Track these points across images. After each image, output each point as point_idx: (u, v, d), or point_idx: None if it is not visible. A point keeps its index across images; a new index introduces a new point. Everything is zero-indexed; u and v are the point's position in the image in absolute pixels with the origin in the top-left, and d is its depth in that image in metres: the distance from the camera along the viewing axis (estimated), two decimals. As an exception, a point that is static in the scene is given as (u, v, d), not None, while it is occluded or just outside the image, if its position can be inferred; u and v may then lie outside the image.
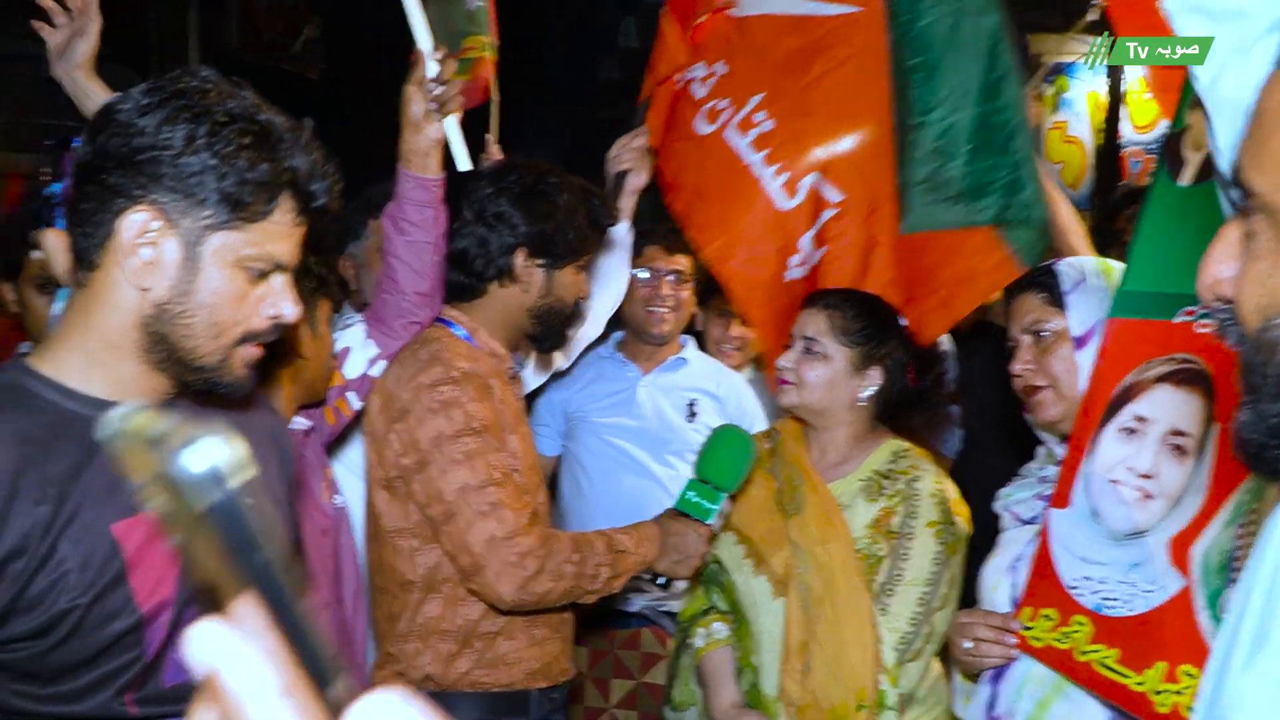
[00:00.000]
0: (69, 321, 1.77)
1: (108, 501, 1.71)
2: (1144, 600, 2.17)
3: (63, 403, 1.73)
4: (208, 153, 1.69)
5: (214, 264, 1.73)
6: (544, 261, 2.94)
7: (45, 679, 1.69)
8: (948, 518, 2.91)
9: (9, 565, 1.62)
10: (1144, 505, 2.25)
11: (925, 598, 2.84)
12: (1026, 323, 2.63)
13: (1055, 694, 2.36)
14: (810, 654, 2.83)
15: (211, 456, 0.47)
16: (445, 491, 2.69)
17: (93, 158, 1.70)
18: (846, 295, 3.16)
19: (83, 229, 1.72)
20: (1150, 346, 2.32)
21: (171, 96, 1.70)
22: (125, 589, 1.72)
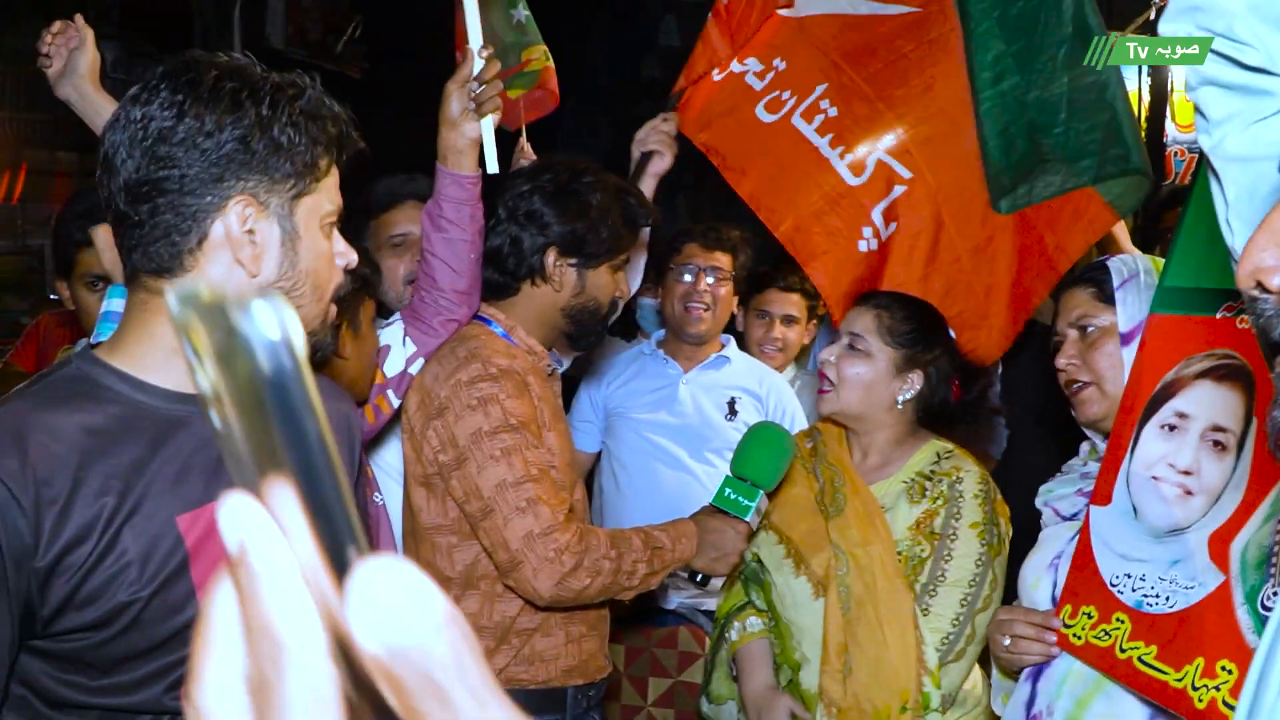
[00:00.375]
0: (144, 320, 1.76)
1: (173, 493, 1.72)
2: (1184, 597, 2.17)
3: (134, 395, 1.74)
4: (276, 127, 1.71)
5: (306, 231, 1.78)
6: (576, 261, 2.94)
7: (100, 670, 1.70)
8: (991, 519, 2.90)
9: (68, 555, 1.63)
10: (1184, 502, 2.24)
11: (968, 599, 2.83)
12: (1074, 317, 2.62)
13: (1095, 692, 2.36)
14: (851, 656, 2.84)
15: (278, 319, 0.48)
16: (483, 488, 2.70)
17: (151, 174, 1.68)
18: (897, 297, 3.16)
19: (158, 245, 1.71)
20: (1191, 342, 2.31)
21: (205, 88, 1.70)
22: (187, 581, 1.71)
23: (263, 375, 0.47)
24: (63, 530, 1.62)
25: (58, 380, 1.75)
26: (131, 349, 1.76)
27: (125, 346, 1.77)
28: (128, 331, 1.78)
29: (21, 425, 1.64)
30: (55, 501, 1.62)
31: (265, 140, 1.71)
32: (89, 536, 1.64)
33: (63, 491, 1.62)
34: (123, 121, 1.71)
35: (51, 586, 1.63)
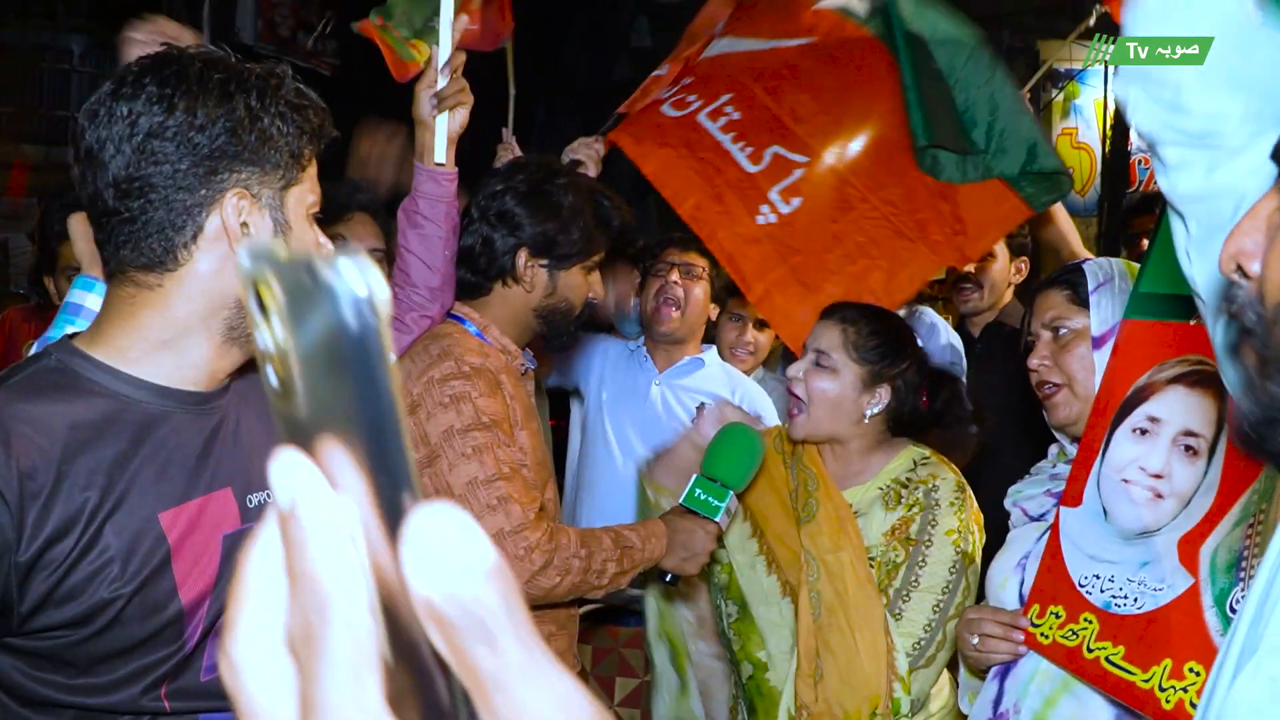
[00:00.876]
0: (131, 312, 1.75)
1: (155, 489, 1.71)
2: (1152, 598, 2.19)
3: (117, 388, 1.72)
4: (266, 118, 1.72)
5: (295, 221, 1.79)
6: (547, 262, 2.94)
7: (78, 669, 1.68)
8: (967, 526, 2.91)
9: (49, 550, 1.61)
10: (1155, 505, 2.27)
11: (940, 605, 2.85)
12: (1047, 319, 2.64)
13: (1062, 691, 2.38)
14: (822, 661, 2.84)
15: (364, 277, 0.48)
16: (454, 485, 2.69)
17: (142, 169, 1.68)
18: (863, 310, 3.15)
19: (150, 240, 1.70)
20: (1165, 348, 2.34)
21: (193, 80, 1.69)
22: (169, 579, 1.71)
23: (347, 329, 0.49)
24: (45, 524, 1.60)
25: (38, 371, 1.72)
26: (116, 340, 1.74)
27: (109, 338, 1.75)
28: (110, 324, 1.76)
29: (3, 417, 1.62)
30: (38, 495, 1.60)
31: (255, 132, 1.71)
32: (71, 531, 1.62)
33: (45, 485, 1.60)
34: (106, 116, 1.69)
35: (31, 582, 1.60)
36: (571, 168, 3.07)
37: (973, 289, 4.72)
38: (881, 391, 3.03)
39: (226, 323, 1.76)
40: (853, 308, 3.17)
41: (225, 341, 1.78)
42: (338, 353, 0.49)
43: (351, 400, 0.50)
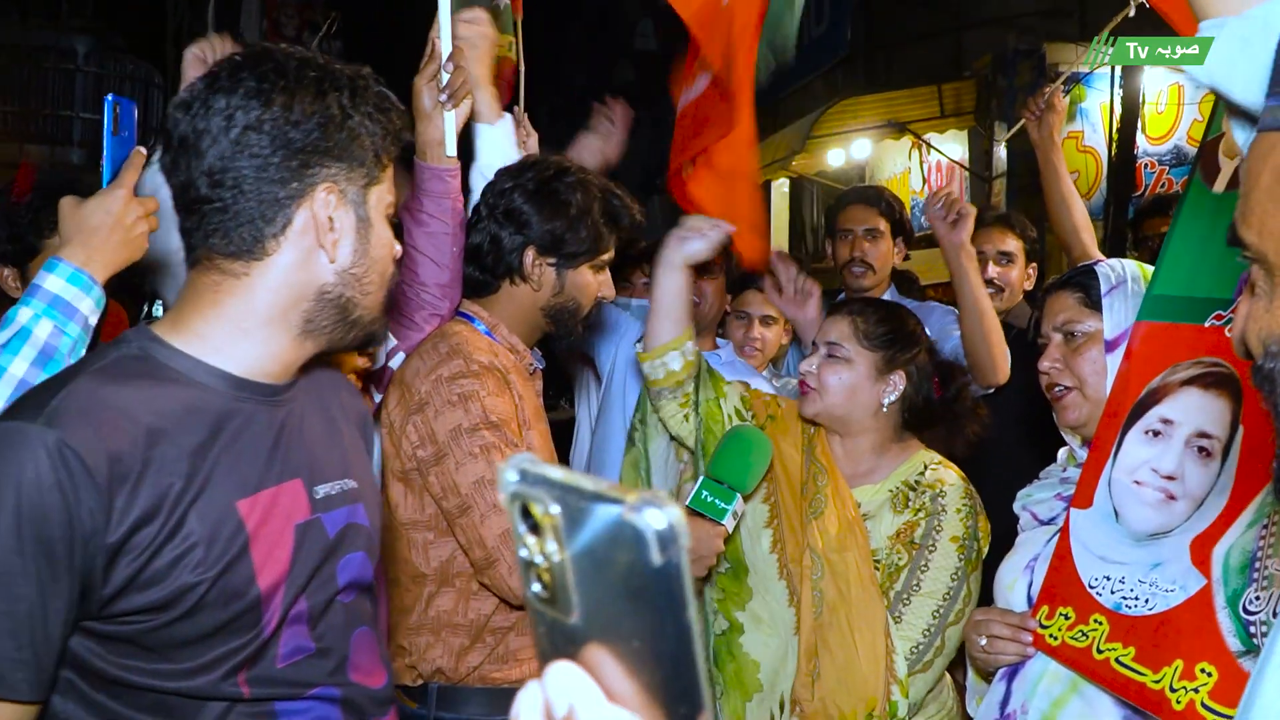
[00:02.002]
0: (215, 299, 1.80)
1: (232, 478, 1.75)
2: (1164, 599, 2.18)
3: (197, 377, 1.77)
4: (356, 117, 1.79)
5: (376, 219, 1.86)
6: (555, 261, 2.93)
7: (158, 654, 1.71)
8: (971, 534, 2.91)
9: (136, 534, 1.64)
10: (1167, 507, 2.26)
11: (940, 611, 2.84)
12: (1059, 321, 2.63)
13: (1071, 692, 2.37)
14: (820, 660, 2.83)
15: (669, 520, 0.53)
16: (461, 484, 2.68)
17: (236, 160, 1.73)
18: (869, 302, 3.18)
19: (240, 230, 1.76)
20: (1179, 350, 2.33)
21: (290, 76, 1.76)
22: (248, 565, 1.75)
23: (650, 564, 0.53)
24: (133, 508, 1.64)
25: (121, 359, 1.76)
26: (197, 328, 1.80)
27: (190, 325, 1.80)
28: (192, 310, 1.81)
29: (92, 402, 1.66)
30: (126, 479, 1.63)
31: (345, 130, 1.78)
32: (156, 516, 1.66)
33: (133, 469, 1.64)
34: (202, 108, 1.75)
35: (116, 565, 1.64)
36: (581, 166, 3.05)
37: (993, 291, 4.74)
38: (896, 379, 3.04)
39: (304, 315, 1.83)
40: (859, 301, 3.20)
41: (301, 334, 1.84)
42: (639, 585, 0.54)
43: (649, 629, 0.55)
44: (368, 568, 2.01)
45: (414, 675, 2.81)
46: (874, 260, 4.75)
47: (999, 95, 10.94)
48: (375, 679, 2.01)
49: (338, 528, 1.92)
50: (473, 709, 2.80)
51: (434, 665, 2.79)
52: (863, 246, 4.77)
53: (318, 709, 1.88)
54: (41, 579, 1.59)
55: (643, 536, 0.53)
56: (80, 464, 1.59)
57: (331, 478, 1.94)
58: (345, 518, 1.95)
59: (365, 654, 2.00)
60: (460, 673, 2.79)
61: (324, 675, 1.89)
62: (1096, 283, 2.60)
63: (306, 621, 1.86)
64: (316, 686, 1.88)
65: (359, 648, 1.98)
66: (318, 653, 1.88)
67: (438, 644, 2.80)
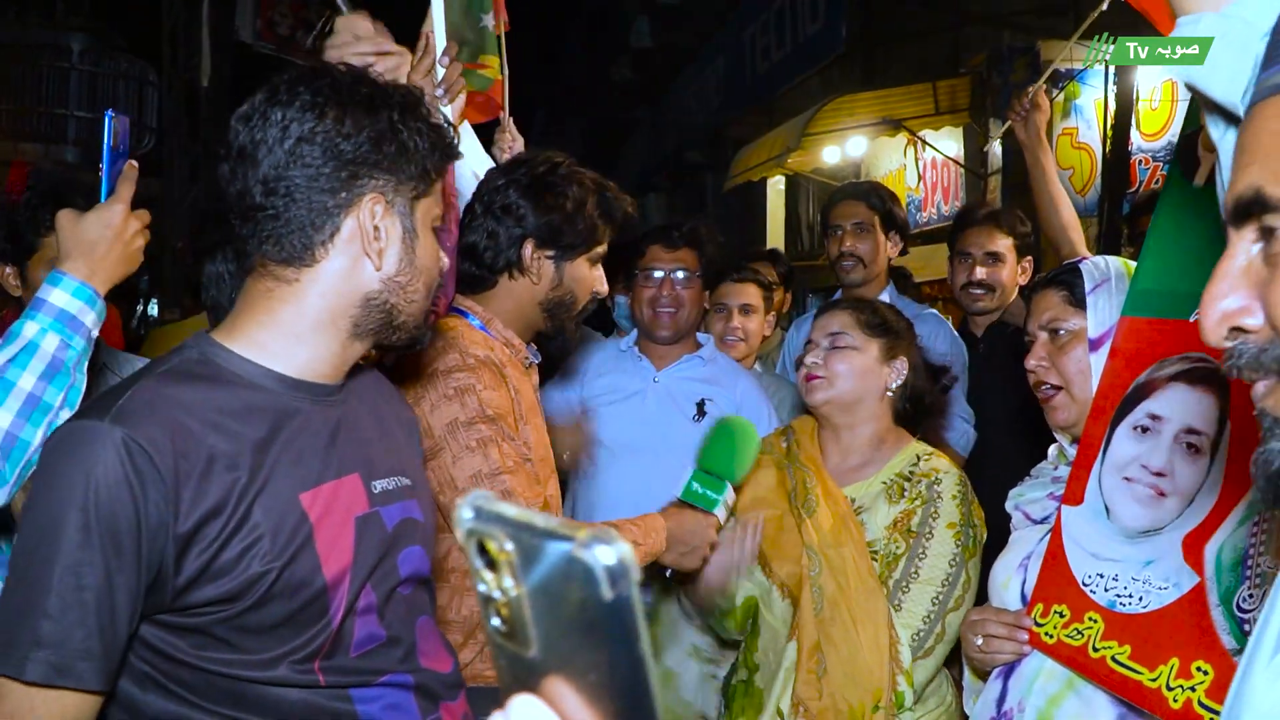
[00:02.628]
0: (268, 306, 1.90)
1: (294, 471, 1.84)
2: (1157, 597, 2.18)
3: (255, 379, 1.87)
4: (406, 132, 1.88)
5: (423, 230, 1.95)
6: (553, 253, 2.93)
7: (234, 645, 1.79)
8: (968, 520, 2.93)
9: (205, 527, 1.72)
10: (1157, 503, 2.26)
11: (939, 598, 2.85)
12: (1044, 320, 2.63)
13: (1067, 690, 2.37)
14: (825, 656, 2.85)
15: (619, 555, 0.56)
16: (457, 478, 2.68)
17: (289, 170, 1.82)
18: (859, 301, 3.23)
19: (291, 237, 1.85)
20: (1164, 345, 2.32)
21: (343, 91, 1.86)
22: (313, 556, 1.83)
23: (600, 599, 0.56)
24: (201, 501, 1.72)
25: (183, 362, 1.86)
26: (253, 334, 1.90)
27: (246, 331, 1.90)
28: (248, 316, 1.91)
29: (158, 400, 1.75)
30: (192, 474, 1.72)
31: (396, 144, 1.87)
32: (224, 509, 1.74)
33: (198, 464, 1.73)
34: (260, 120, 1.84)
35: (187, 556, 1.72)
36: (573, 161, 3.05)
37: (984, 292, 4.75)
38: (900, 364, 3.09)
39: (353, 319, 1.92)
40: (850, 300, 3.25)
41: (351, 337, 1.93)
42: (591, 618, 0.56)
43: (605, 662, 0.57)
44: (425, 561, 2.09)
45: None
46: (863, 254, 4.75)
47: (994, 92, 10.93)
48: (443, 664, 2.09)
49: (395, 521, 2.00)
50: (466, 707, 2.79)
51: None
52: (852, 241, 4.77)
53: (390, 695, 1.96)
54: (109, 570, 1.67)
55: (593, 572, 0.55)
56: (147, 459, 1.68)
57: (387, 474, 2.03)
58: (401, 512, 2.03)
59: (431, 640, 2.08)
60: None
61: (395, 663, 1.97)
62: (1081, 281, 2.60)
63: (375, 611, 1.94)
64: (389, 673, 1.96)
65: (424, 635, 2.06)
66: (388, 641, 1.97)
67: None
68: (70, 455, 1.69)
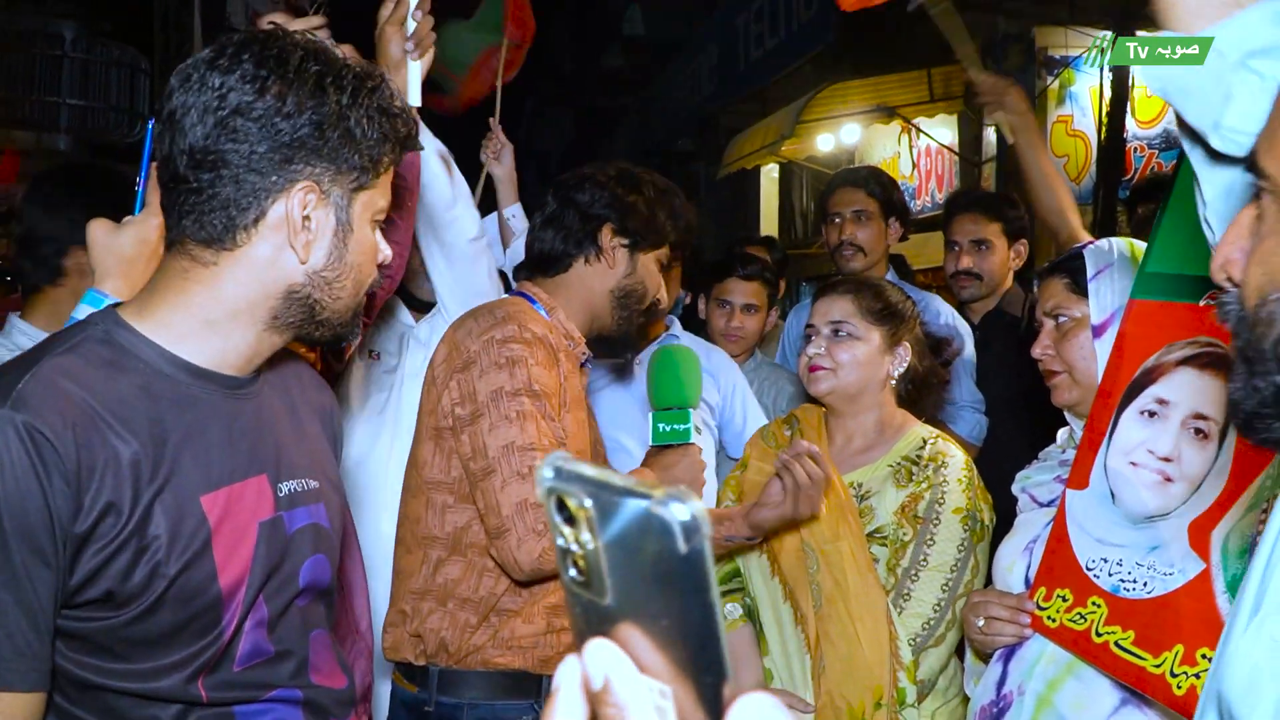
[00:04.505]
0: (182, 287, 1.77)
1: (196, 471, 1.73)
2: (1162, 583, 2.17)
3: (161, 366, 1.74)
4: (353, 118, 1.75)
5: (359, 225, 1.82)
6: (628, 242, 2.97)
7: (116, 654, 1.68)
8: (974, 505, 2.92)
9: (101, 526, 1.61)
10: (1163, 489, 2.25)
11: (949, 584, 2.84)
12: (1049, 307, 2.63)
13: (1067, 674, 2.37)
14: (824, 652, 2.84)
15: (693, 512, 0.60)
16: (490, 447, 2.67)
17: (220, 143, 1.69)
18: (862, 281, 3.20)
19: (213, 215, 1.73)
20: (1173, 329, 2.31)
21: (291, 67, 1.71)
22: (210, 563, 1.72)
23: (676, 551, 0.60)
24: (100, 498, 1.61)
25: (86, 341, 1.72)
26: (164, 316, 1.77)
27: (155, 313, 1.77)
28: (159, 296, 1.79)
29: (61, 386, 1.62)
30: (94, 469, 1.61)
31: (340, 130, 1.74)
32: (121, 509, 1.63)
33: (99, 459, 1.61)
34: (197, 84, 1.71)
35: (82, 557, 1.61)
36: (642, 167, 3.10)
37: (970, 279, 4.72)
38: (902, 351, 3.08)
39: (272, 311, 1.80)
40: (848, 281, 3.23)
41: (268, 329, 1.81)
42: (667, 570, 0.61)
43: (678, 610, 0.62)
44: (327, 571, 1.98)
45: (417, 649, 2.80)
46: (863, 242, 4.73)
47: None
48: (337, 680, 2.00)
49: (298, 527, 1.90)
50: (473, 693, 2.77)
51: (438, 637, 2.77)
52: (851, 229, 4.75)
53: (278, 710, 1.86)
54: (28, 565, 1.56)
55: (669, 527, 0.60)
56: (51, 449, 1.57)
57: (296, 475, 1.92)
58: (307, 517, 1.93)
59: (324, 655, 1.98)
60: (463, 651, 2.77)
61: (285, 678, 1.87)
62: (1083, 267, 2.60)
63: (265, 624, 1.83)
64: (276, 689, 1.86)
65: (317, 649, 1.96)
66: (276, 655, 1.86)
67: (443, 614, 2.78)
68: None
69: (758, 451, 3.21)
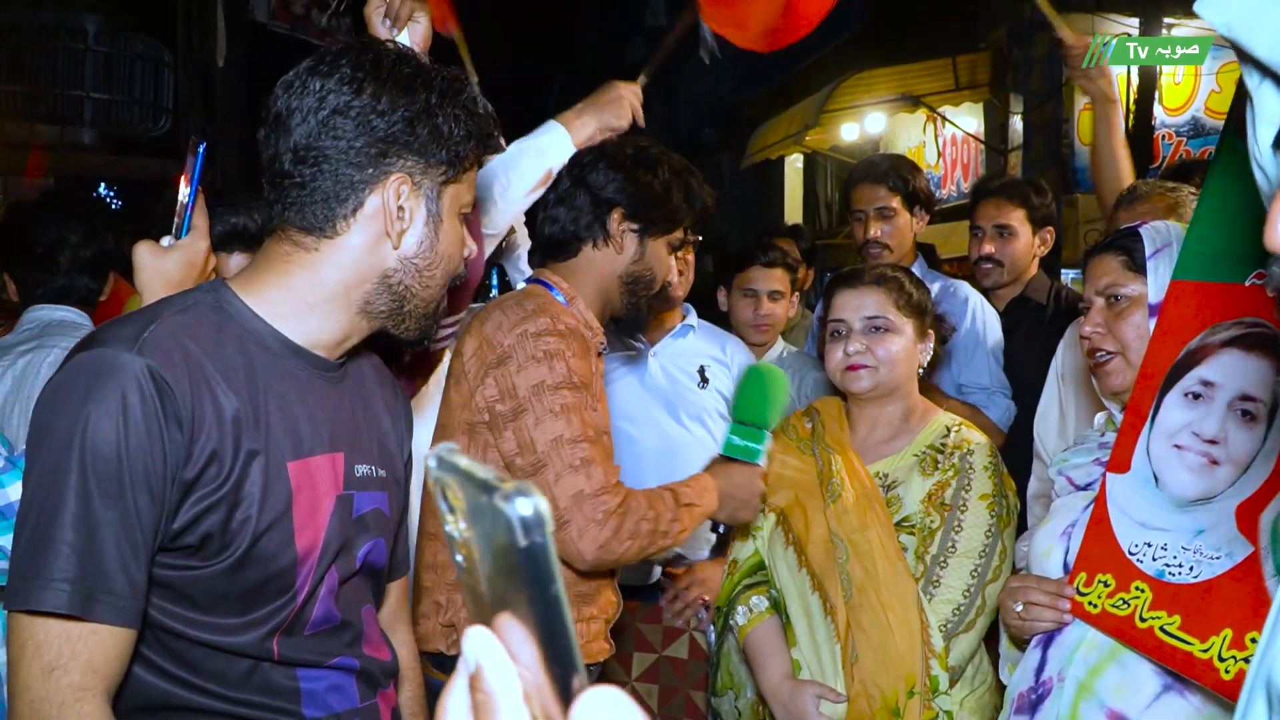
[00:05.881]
0: (285, 269, 1.91)
1: (285, 439, 1.85)
2: (1209, 567, 2.14)
3: (264, 339, 1.88)
4: (441, 116, 1.89)
5: (448, 216, 1.96)
6: (638, 227, 2.94)
7: (199, 605, 1.79)
8: (1000, 491, 2.90)
9: (204, 477, 1.74)
10: (1209, 471, 2.21)
11: (978, 570, 2.83)
12: (1102, 285, 2.57)
13: (1109, 660, 2.33)
14: (855, 642, 2.82)
15: (535, 506, 0.62)
16: (538, 441, 2.66)
17: (320, 140, 1.83)
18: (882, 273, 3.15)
19: (314, 206, 1.87)
20: (1218, 309, 2.27)
21: (384, 69, 1.87)
22: (289, 527, 1.83)
23: (517, 546, 0.63)
24: (206, 447, 1.74)
25: (201, 306, 1.86)
26: (267, 294, 1.90)
27: (260, 289, 1.91)
28: (263, 276, 1.92)
29: (176, 342, 1.75)
30: (204, 421, 1.74)
31: (430, 126, 1.88)
32: (223, 459, 1.75)
33: (209, 413, 1.74)
34: (298, 88, 1.86)
35: (184, 504, 1.73)
36: (661, 146, 3.06)
37: (993, 266, 4.68)
38: (929, 342, 3.08)
39: (365, 296, 1.93)
40: (870, 272, 3.18)
41: (360, 314, 1.94)
42: (513, 563, 0.63)
43: (526, 601, 0.64)
44: (384, 554, 2.08)
45: (450, 639, 2.80)
46: (889, 239, 4.68)
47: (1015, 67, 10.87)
48: (383, 653, 2.10)
49: (367, 509, 2.00)
50: None
51: None
52: (877, 227, 4.70)
53: (334, 678, 1.95)
54: (141, 507, 1.67)
55: (510, 521, 0.62)
56: (172, 397, 1.69)
57: (368, 461, 2.02)
58: (373, 502, 2.02)
59: (374, 629, 2.08)
60: None
61: (343, 646, 1.97)
62: (1141, 245, 2.54)
63: (334, 594, 1.93)
64: (337, 656, 1.95)
65: (369, 623, 2.06)
66: (341, 624, 1.96)
67: None
68: (99, 382, 1.67)
69: (778, 445, 3.17)
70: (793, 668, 2.95)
